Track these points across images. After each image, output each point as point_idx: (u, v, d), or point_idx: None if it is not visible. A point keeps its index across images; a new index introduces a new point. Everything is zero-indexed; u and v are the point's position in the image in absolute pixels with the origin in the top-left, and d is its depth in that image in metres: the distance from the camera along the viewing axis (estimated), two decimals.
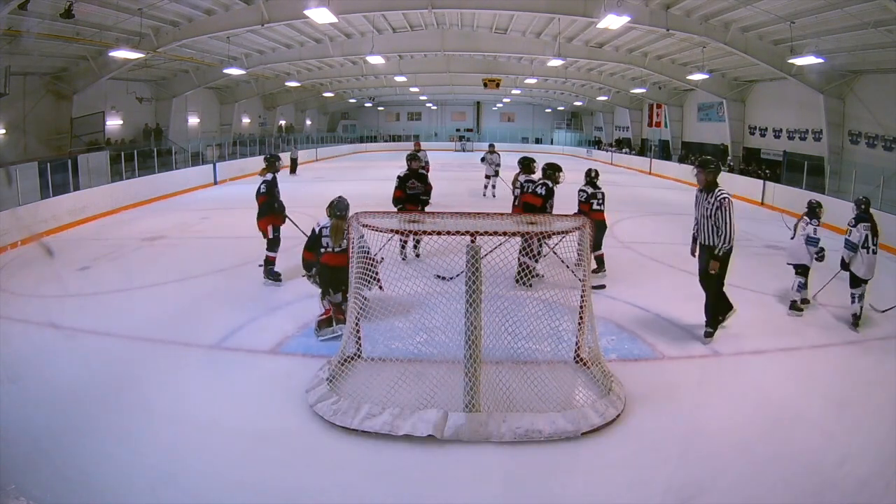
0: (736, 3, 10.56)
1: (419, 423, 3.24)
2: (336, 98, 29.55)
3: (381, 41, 15.48)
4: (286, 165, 17.36)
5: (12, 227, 7.93)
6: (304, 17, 10.14)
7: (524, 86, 24.90)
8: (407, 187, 7.14)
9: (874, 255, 5.03)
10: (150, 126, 17.53)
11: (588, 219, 5.06)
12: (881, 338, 4.99)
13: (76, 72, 13.38)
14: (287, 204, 6.58)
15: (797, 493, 2.81)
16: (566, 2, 11.21)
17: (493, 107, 37.04)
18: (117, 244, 8.16)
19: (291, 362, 4.20)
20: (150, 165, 13.49)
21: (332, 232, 4.80)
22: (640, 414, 3.49)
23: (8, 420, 3.31)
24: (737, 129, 18.16)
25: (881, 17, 9.21)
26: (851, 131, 13.21)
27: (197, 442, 3.16)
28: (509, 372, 3.70)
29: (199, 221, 10.09)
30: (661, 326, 5.02)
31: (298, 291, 5.75)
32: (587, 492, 2.83)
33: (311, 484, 2.86)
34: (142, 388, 3.77)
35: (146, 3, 10.72)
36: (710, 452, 3.12)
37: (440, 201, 12.05)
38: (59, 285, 6.14)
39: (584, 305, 3.89)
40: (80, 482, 2.80)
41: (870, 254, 5.02)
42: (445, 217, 3.88)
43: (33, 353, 4.33)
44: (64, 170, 10.31)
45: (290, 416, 3.44)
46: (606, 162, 26.34)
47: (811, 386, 3.98)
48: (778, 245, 8.94)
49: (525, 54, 17.08)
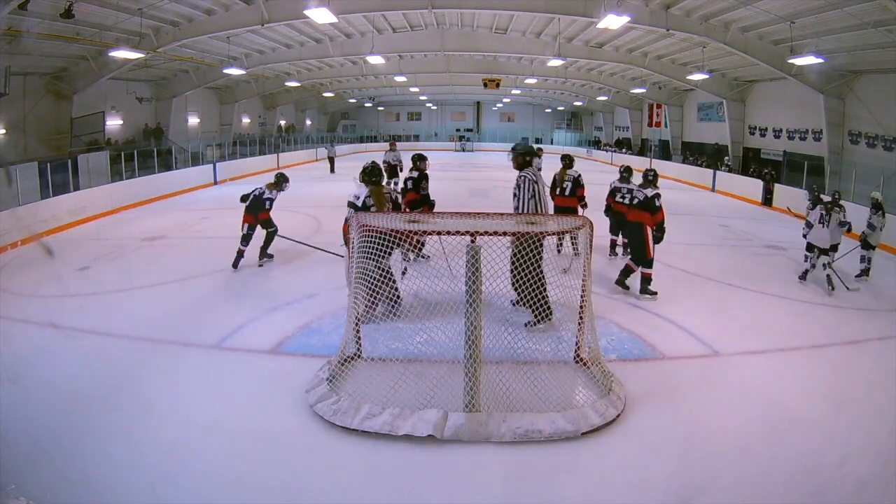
0: (736, 3, 10.55)
1: (419, 423, 3.24)
2: (336, 98, 29.55)
3: (381, 41, 15.48)
4: (323, 159, 16.70)
5: (12, 227, 7.92)
6: (304, 17, 10.14)
7: (524, 86, 24.90)
8: (420, 188, 7.07)
9: (826, 228, 6.33)
10: (150, 126, 17.54)
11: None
12: (881, 338, 4.99)
13: (76, 72, 13.38)
14: (287, 204, 6.58)
15: (797, 493, 2.81)
16: (566, 2, 11.21)
17: (493, 107, 37.06)
18: (117, 244, 8.16)
19: (291, 362, 4.20)
20: (150, 165, 13.49)
21: (375, 199, 4.86)
22: (640, 414, 3.49)
23: (8, 420, 3.31)
24: (737, 129, 18.17)
25: (881, 17, 9.21)
26: (851, 131, 13.22)
27: (197, 442, 3.16)
28: (509, 372, 3.70)
29: (199, 221, 10.09)
30: (661, 326, 5.01)
31: (299, 291, 5.76)
32: (587, 492, 2.83)
33: (310, 484, 2.86)
34: (142, 388, 3.77)
35: (146, 3, 10.72)
36: (710, 452, 3.12)
37: (441, 201, 12.07)
38: (59, 285, 6.13)
39: (584, 305, 3.89)
40: (80, 482, 2.80)
41: (824, 227, 6.33)
42: (445, 217, 3.88)
43: (33, 353, 4.33)
44: (64, 170, 10.31)
45: (290, 416, 3.43)
46: (606, 162, 26.35)
47: (811, 386, 3.98)
48: (777, 245, 8.95)
49: (525, 54, 17.08)
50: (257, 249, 6.82)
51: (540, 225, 4.07)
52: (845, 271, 6.67)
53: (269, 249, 6.92)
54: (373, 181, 4.93)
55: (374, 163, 5.10)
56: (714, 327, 5.00)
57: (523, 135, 35.69)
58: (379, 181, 4.97)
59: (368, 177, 4.96)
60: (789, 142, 15.79)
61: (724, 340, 4.71)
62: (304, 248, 7.23)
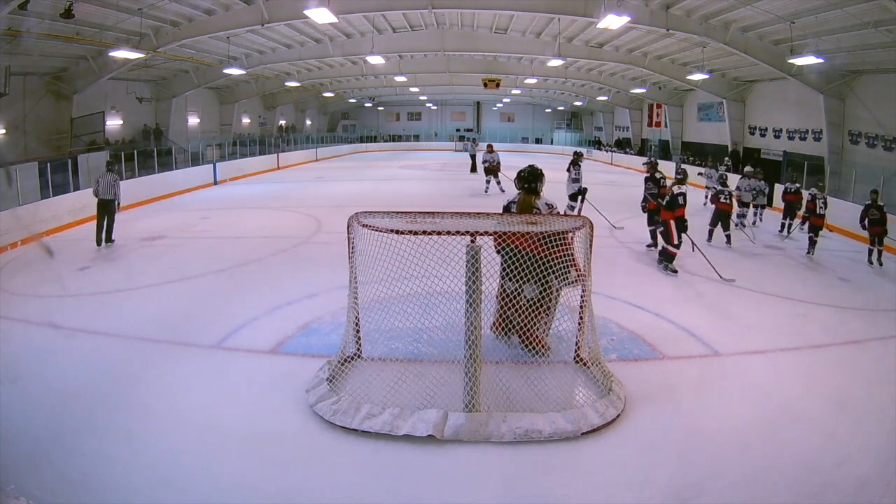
0: (736, 3, 10.56)
1: (419, 423, 3.24)
2: (336, 98, 29.55)
3: (381, 41, 15.48)
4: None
5: (12, 227, 7.92)
6: (304, 17, 10.14)
7: (524, 86, 24.91)
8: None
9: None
10: (150, 126, 17.54)
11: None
12: (881, 338, 4.99)
13: (76, 72, 13.39)
14: (288, 205, 6.58)
15: (797, 493, 2.81)
16: (566, 2, 11.22)
17: (493, 107, 37.04)
18: (117, 244, 8.16)
19: (291, 362, 4.19)
20: (150, 165, 13.48)
21: (520, 208, 4.30)
22: (640, 414, 3.48)
23: (8, 420, 3.31)
24: (737, 129, 18.17)
25: (881, 17, 9.22)
26: (851, 131, 13.22)
27: (196, 442, 3.16)
28: (509, 372, 3.70)
29: (199, 221, 10.09)
30: (661, 326, 5.01)
31: (299, 291, 5.76)
32: (587, 492, 2.83)
33: (310, 484, 2.86)
34: (141, 388, 3.77)
35: (146, 3, 10.72)
36: (710, 452, 3.11)
37: (440, 201, 12.11)
38: (59, 285, 6.13)
39: (584, 305, 3.88)
40: (80, 482, 2.80)
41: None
42: (445, 217, 3.87)
43: (33, 353, 4.32)
44: (64, 170, 10.31)
45: (290, 416, 3.43)
46: (606, 162, 26.36)
47: (811, 386, 3.97)
48: (777, 245, 8.96)
49: (525, 54, 17.09)
50: (259, 247, 6.79)
51: (540, 225, 4.05)
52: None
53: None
54: (523, 187, 4.30)
55: (532, 167, 4.37)
56: (714, 327, 5.00)
57: (523, 135, 35.71)
58: (533, 188, 4.27)
59: (521, 182, 4.34)
60: (789, 142, 15.79)
61: (724, 340, 4.70)
62: (304, 248, 7.22)
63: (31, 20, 9.65)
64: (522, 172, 4.40)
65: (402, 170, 20.81)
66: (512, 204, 4.42)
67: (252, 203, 12.41)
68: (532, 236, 3.72)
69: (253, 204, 12.26)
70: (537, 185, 4.34)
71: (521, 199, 4.36)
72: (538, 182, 4.34)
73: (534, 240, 3.77)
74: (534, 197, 4.32)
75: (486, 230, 3.50)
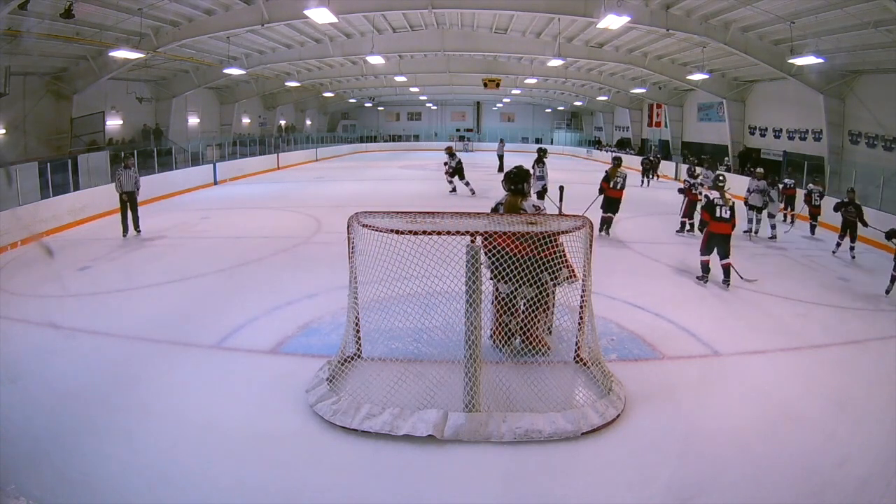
0: (736, 3, 10.56)
1: (419, 423, 3.24)
2: (336, 98, 29.54)
3: (381, 41, 15.48)
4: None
5: (12, 227, 7.92)
6: (304, 17, 10.14)
7: (524, 86, 24.90)
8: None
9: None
10: (150, 126, 17.53)
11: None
12: (881, 338, 4.99)
13: (76, 72, 13.38)
14: (288, 205, 6.58)
15: (797, 493, 2.81)
16: (566, 2, 11.22)
17: (493, 107, 37.04)
18: (117, 244, 8.16)
19: (291, 362, 4.20)
20: (150, 165, 13.46)
21: (507, 209, 4.24)
22: (640, 414, 3.49)
23: (8, 420, 3.31)
24: (737, 129, 18.16)
25: (881, 17, 9.21)
26: (851, 131, 13.21)
27: (196, 442, 3.16)
28: (509, 372, 3.70)
29: (199, 221, 10.09)
30: (661, 326, 5.01)
31: (299, 291, 5.76)
32: (587, 492, 2.83)
33: (310, 484, 2.86)
34: (141, 388, 3.77)
35: (146, 3, 10.72)
36: (710, 452, 3.11)
37: (440, 201, 12.11)
38: (59, 285, 6.13)
39: (584, 305, 3.88)
40: (80, 482, 2.80)
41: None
42: (445, 217, 3.87)
43: (33, 353, 4.32)
44: (64, 170, 10.30)
45: (290, 416, 3.43)
46: (606, 162, 26.31)
47: (811, 386, 3.97)
48: (776, 245, 8.96)
49: (525, 54, 17.09)
50: (260, 247, 6.77)
51: (541, 225, 4.05)
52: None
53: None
54: (511, 188, 4.24)
55: (519, 168, 4.33)
56: (714, 327, 5.01)
57: (523, 135, 35.67)
58: (521, 189, 4.23)
59: (509, 182, 4.29)
60: (789, 142, 15.78)
61: (724, 340, 4.71)
62: (304, 248, 7.23)
63: (31, 20, 9.65)
64: (510, 173, 4.37)
65: (402, 170, 20.81)
66: (500, 205, 4.40)
67: (252, 203, 12.41)
68: (518, 236, 3.72)
69: (253, 204, 12.26)
70: (524, 185, 4.32)
71: (507, 201, 4.34)
72: (525, 183, 4.33)
73: (520, 240, 3.76)
74: (520, 198, 4.30)
75: (487, 230, 3.50)
